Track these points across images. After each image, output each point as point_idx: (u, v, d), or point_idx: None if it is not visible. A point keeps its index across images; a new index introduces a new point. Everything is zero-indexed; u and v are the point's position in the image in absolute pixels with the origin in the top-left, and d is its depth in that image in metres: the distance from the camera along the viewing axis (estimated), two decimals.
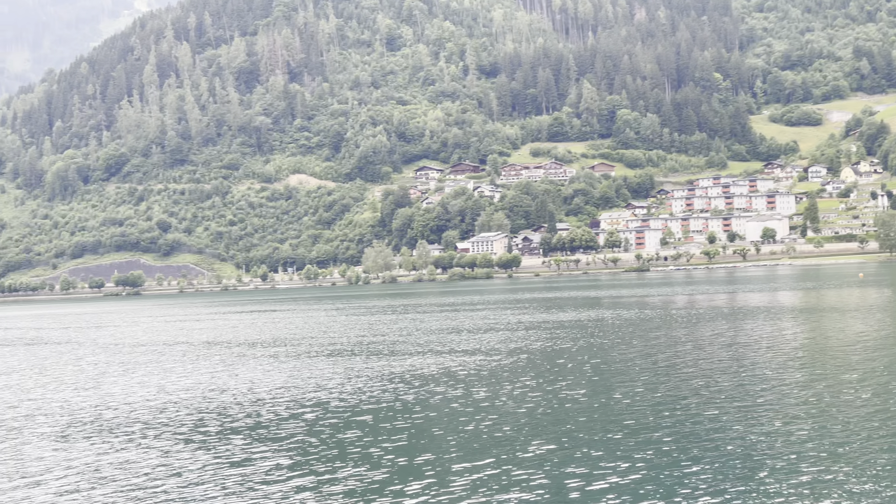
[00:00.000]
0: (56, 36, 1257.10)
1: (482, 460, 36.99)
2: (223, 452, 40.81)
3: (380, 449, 39.98)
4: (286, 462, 38.40)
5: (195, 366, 75.96)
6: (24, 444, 45.07)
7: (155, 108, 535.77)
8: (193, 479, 36.26)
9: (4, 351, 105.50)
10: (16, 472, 39.15)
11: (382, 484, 34.21)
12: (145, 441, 44.06)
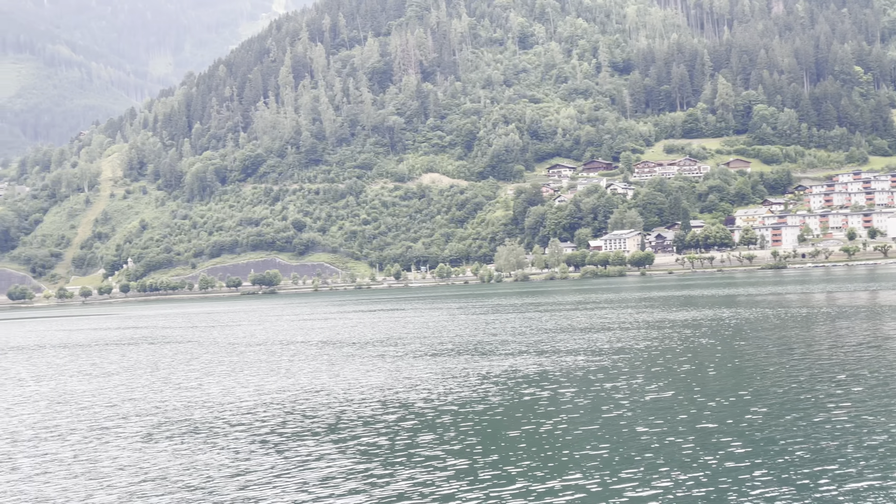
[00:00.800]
0: (197, 40, 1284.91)
1: (551, 464, 36.54)
2: (296, 453, 40.95)
3: (449, 450, 39.69)
4: (360, 464, 38.32)
5: (301, 366, 76.49)
6: (104, 444, 45.87)
7: (290, 109, 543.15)
8: (259, 481, 36.37)
9: (126, 350, 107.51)
10: (84, 473, 39.75)
11: (454, 485, 33.81)
12: (220, 442, 44.49)
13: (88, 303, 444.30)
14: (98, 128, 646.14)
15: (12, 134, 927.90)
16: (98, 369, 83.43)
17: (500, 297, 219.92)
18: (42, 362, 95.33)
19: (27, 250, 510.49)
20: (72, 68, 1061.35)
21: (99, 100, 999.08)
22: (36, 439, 48.15)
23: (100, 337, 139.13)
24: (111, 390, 66.66)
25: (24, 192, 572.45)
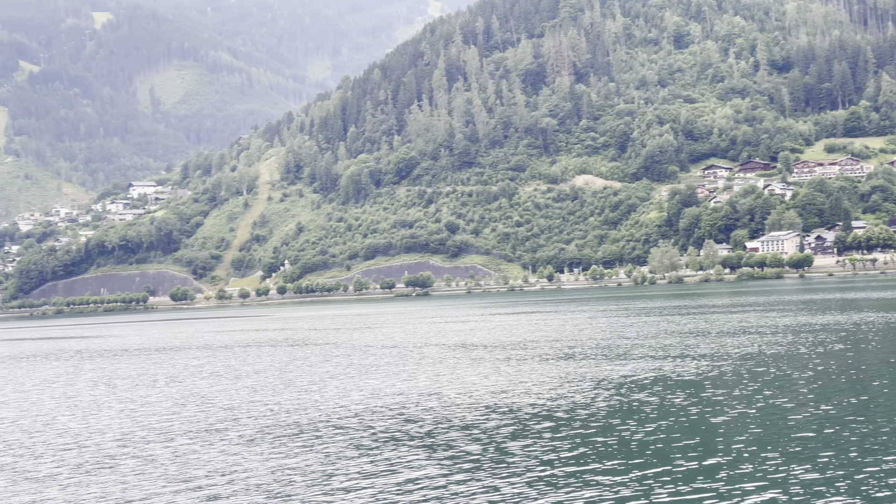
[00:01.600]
0: (354, 44, 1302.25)
1: (633, 471, 36.04)
2: (385, 457, 41.14)
3: (536, 456, 39.39)
4: (445, 469, 38.30)
5: (424, 369, 76.81)
6: (204, 447, 46.65)
7: (443, 111, 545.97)
8: (336, 485, 36.69)
9: (264, 352, 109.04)
10: (173, 475, 40.47)
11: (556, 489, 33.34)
12: (315, 445, 44.96)
13: (246, 304, 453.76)
14: (257, 132, 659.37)
15: (176, 139, 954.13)
16: (231, 371, 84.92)
17: (649, 299, 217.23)
18: (181, 364, 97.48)
19: (189, 252, 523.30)
20: (233, 74, 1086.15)
21: (259, 104, 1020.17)
22: (143, 441, 49.19)
23: (245, 339, 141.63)
24: (234, 392, 67.85)
25: (186, 195, 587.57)
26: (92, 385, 78.72)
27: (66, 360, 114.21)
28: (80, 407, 63.87)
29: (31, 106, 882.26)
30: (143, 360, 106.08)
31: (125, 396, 68.68)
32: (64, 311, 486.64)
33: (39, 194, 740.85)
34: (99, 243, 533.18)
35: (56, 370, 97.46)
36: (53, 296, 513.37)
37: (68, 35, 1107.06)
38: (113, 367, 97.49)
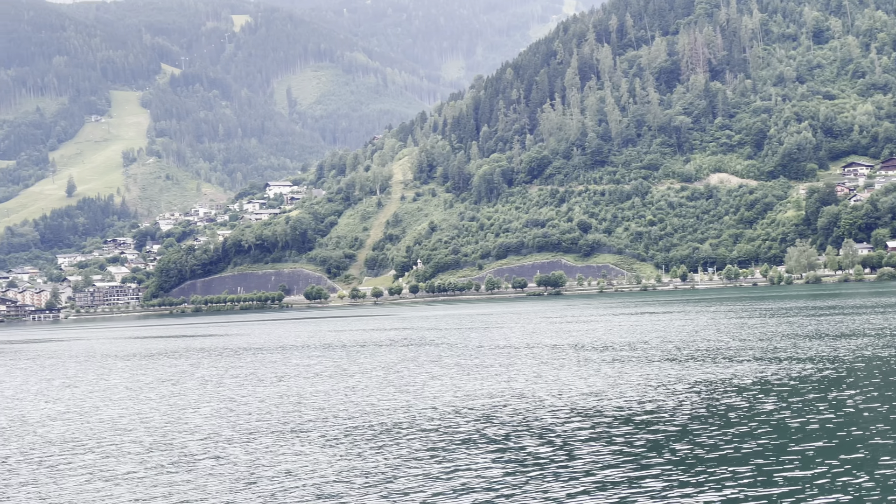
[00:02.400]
0: (488, 43, 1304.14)
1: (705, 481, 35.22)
2: (454, 459, 40.95)
3: (606, 460, 38.86)
4: (510, 472, 38.01)
5: (526, 370, 76.33)
6: (283, 447, 46.94)
7: (576, 110, 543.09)
8: (403, 489, 36.60)
9: (378, 351, 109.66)
10: (241, 475, 40.83)
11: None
12: (392, 447, 44.94)
13: (379, 303, 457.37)
14: (390, 132, 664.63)
15: (312, 139, 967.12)
16: (337, 371, 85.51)
17: (782, 300, 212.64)
18: (294, 363, 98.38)
19: (323, 252, 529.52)
20: (368, 74, 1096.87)
21: (393, 104, 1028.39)
22: (226, 441, 49.63)
23: (364, 338, 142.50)
24: (332, 393, 68.13)
25: (321, 195, 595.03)
26: (200, 384, 79.93)
27: (187, 358, 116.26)
28: (180, 406, 64.87)
29: (173, 108, 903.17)
30: (259, 359, 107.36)
31: (226, 395, 69.54)
32: (202, 309, 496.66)
33: (180, 194, 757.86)
34: (235, 242, 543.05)
35: (172, 369, 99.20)
36: (192, 294, 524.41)
37: (208, 38, 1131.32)
38: (228, 365, 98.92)
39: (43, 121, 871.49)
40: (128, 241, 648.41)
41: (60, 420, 60.89)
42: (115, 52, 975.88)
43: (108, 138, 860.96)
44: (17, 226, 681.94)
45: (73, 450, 49.25)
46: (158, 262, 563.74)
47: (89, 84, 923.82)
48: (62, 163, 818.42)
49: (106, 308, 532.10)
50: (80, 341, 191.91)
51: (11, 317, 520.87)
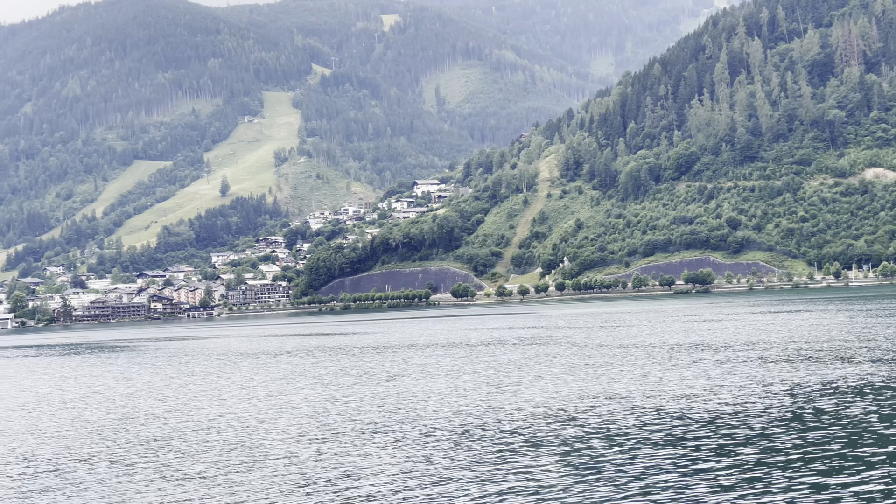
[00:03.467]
0: (638, 39, 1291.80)
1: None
2: (524, 462, 40.54)
3: (683, 464, 38.14)
4: (579, 475, 37.71)
5: (636, 370, 75.51)
6: (353, 447, 47.18)
7: (725, 105, 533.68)
8: (454, 492, 36.46)
9: (499, 350, 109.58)
10: (305, 474, 41.12)
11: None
12: (465, 450, 44.75)
13: (525, 301, 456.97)
14: (537, 130, 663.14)
15: (461, 137, 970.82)
16: (451, 370, 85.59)
17: None
18: (413, 362, 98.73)
19: (469, 250, 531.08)
20: (516, 72, 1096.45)
21: (541, 102, 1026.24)
22: (304, 441, 49.96)
23: (493, 336, 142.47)
24: (431, 392, 68.23)
25: (468, 193, 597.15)
26: (311, 383, 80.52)
27: (313, 356, 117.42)
28: (279, 405, 65.39)
29: (323, 108, 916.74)
30: (381, 357, 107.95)
31: (329, 395, 69.94)
32: (350, 306, 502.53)
33: (330, 193, 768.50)
34: (383, 241, 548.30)
35: (292, 367, 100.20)
36: (341, 292, 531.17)
37: (358, 38, 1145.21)
38: (347, 364, 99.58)
39: (198, 122, 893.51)
40: (279, 239, 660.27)
41: (161, 419, 62.11)
42: (268, 53, 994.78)
43: (260, 138, 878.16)
44: (174, 225, 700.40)
45: (157, 449, 50.10)
46: (308, 261, 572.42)
47: (242, 85, 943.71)
48: (216, 163, 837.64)
49: (257, 306, 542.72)
50: (221, 339, 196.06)
51: (167, 314, 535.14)
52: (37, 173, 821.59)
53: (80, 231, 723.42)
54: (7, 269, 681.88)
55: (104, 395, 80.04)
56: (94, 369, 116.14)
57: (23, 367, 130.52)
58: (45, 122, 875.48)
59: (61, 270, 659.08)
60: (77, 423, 62.23)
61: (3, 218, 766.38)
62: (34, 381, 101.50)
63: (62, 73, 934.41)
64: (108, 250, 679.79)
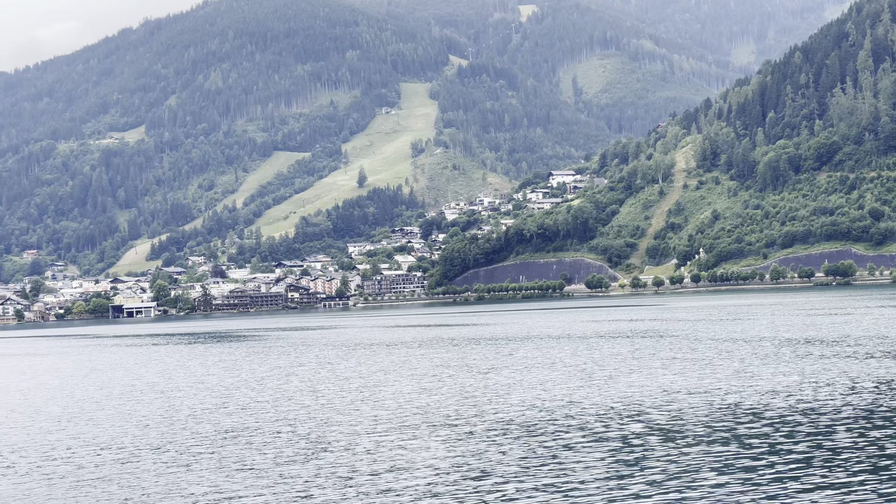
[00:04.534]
0: (780, 26, 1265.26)
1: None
2: (573, 458, 40.25)
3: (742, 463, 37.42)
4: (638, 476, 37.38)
5: (732, 364, 74.07)
6: (424, 439, 47.21)
7: (868, 94, 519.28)
8: (493, 486, 36.28)
9: (607, 343, 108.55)
10: (358, 468, 41.52)
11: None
12: (521, 443, 44.63)
13: (660, 293, 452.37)
14: (674, 120, 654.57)
15: (597, 128, 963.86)
16: (549, 363, 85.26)
17: None
18: (518, 354, 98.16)
19: (604, 241, 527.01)
20: (654, 62, 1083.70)
21: (679, 91, 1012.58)
22: (373, 433, 50.06)
23: (609, 329, 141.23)
24: (521, 385, 67.73)
25: (602, 184, 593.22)
26: (408, 375, 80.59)
27: (427, 348, 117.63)
28: (363, 399, 65.30)
29: (460, 99, 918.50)
30: (489, 349, 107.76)
31: (419, 387, 69.98)
32: (484, 297, 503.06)
33: (466, 184, 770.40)
34: (517, 231, 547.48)
35: (398, 358, 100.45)
36: (475, 282, 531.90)
37: (495, 29, 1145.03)
38: (454, 356, 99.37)
39: (336, 114, 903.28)
40: (414, 230, 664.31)
41: (246, 409, 62.67)
42: (405, 45, 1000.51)
43: (397, 130, 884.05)
44: (312, 216, 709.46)
45: (225, 440, 50.55)
46: (443, 251, 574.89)
47: (380, 77, 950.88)
48: (354, 154, 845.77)
49: (392, 296, 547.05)
50: (346, 329, 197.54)
51: (304, 304, 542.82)
52: (180, 165, 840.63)
53: (222, 221, 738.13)
54: (151, 258, 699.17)
55: (205, 385, 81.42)
56: (209, 358, 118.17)
57: (144, 355, 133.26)
58: (189, 115, 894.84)
59: (203, 260, 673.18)
60: (166, 412, 63.51)
61: (148, 208, 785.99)
62: (147, 370, 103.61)
63: (205, 66, 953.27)
64: (248, 240, 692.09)
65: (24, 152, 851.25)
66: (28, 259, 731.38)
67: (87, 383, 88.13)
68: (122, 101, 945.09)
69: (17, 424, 61.27)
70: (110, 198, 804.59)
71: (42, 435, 55.54)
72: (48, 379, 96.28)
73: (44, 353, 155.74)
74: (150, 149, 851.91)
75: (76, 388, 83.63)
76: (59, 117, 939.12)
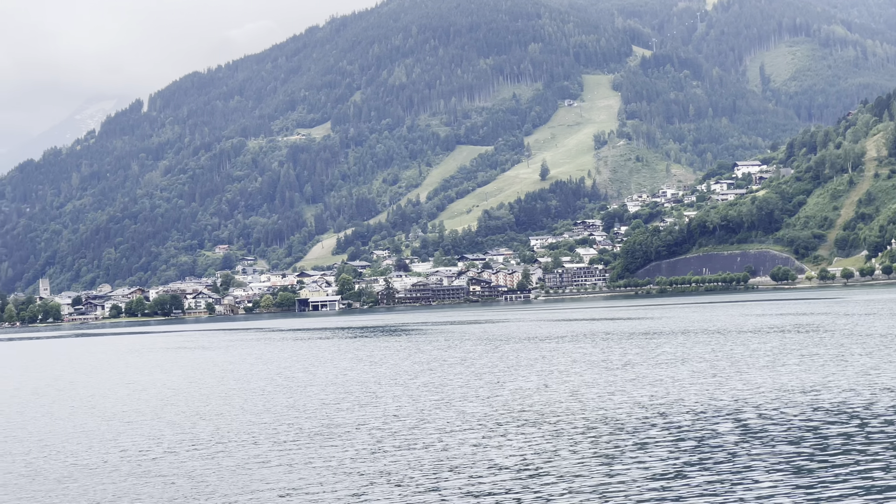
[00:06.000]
0: None
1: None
2: (637, 459, 38.94)
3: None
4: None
5: (867, 362, 70.70)
6: (497, 437, 46.34)
7: None
8: (539, 485, 35.16)
9: (752, 339, 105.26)
10: (417, 464, 40.79)
11: None
12: (586, 442, 43.29)
13: (850, 285, 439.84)
14: (865, 107, 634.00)
15: (786, 116, 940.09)
16: (683, 358, 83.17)
17: None
18: (661, 349, 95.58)
19: (790, 232, 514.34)
20: (846, 48, 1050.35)
21: (873, 78, 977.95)
22: (439, 430, 49.43)
23: (770, 323, 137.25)
24: (643, 381, 66.25)
25: (789, 174, 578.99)
26: (540, 371, 78.83)
27: (573, 342, 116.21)
28: (462, 397, 63.71)
29: (643, 90, 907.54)
30: (637, 343, 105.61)
31: (538, 384, 68.50)
32: (666, 290, 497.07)
33: (649, 176, 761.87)
34: (700, 223, 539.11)
35: (537, 353, 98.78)
36: (657, 275, 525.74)
37: (679, 18, 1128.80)
38: (596, 350, 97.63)
39: (518, 107, 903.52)
40: (596, 222, 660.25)
41: (365, 405, 62.36)
42: (588, 36, 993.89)
43: (579, 122, 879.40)
44: (494, 209, 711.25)
45: (318, 437, 50.04)
46: (624, 244, 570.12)
47: (562, 69, 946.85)
48: (536, 147, 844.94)
49: (573, 289, 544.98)
50: (511, 323, 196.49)
51: (485, 297, 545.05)
52: (365, 160, 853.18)
53: (405, 215, 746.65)
54: (337, 252, 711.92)
55: (343, 379, 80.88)
56: (360, 352, 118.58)
57: (302, 349, 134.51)
58: (373, 110, 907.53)
59: (387, 254, 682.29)
60: (284, 406, 63.75)
61: (334, 203, 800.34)
62: (297, 363, 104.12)
63: (389, 61, 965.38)
64: (431, 234, 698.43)
65: (215, 150, 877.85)
66: (220, 254, 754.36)
67: (227, 377, 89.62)
68: (309, 98, 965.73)
69: (145, 416, 62.63)
70: (297, 193, 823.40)
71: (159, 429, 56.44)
72: (193, 373, 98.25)
73: (213, 346, 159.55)
74: (335, 144, 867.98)
75: (213, 382, 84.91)
76: (249, 115, 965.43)
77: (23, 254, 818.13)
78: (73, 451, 49.87)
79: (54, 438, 54.89)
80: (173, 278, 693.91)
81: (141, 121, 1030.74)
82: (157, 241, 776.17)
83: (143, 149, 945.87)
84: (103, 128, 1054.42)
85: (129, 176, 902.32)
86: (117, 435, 54.46)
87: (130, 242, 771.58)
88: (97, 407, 70.20)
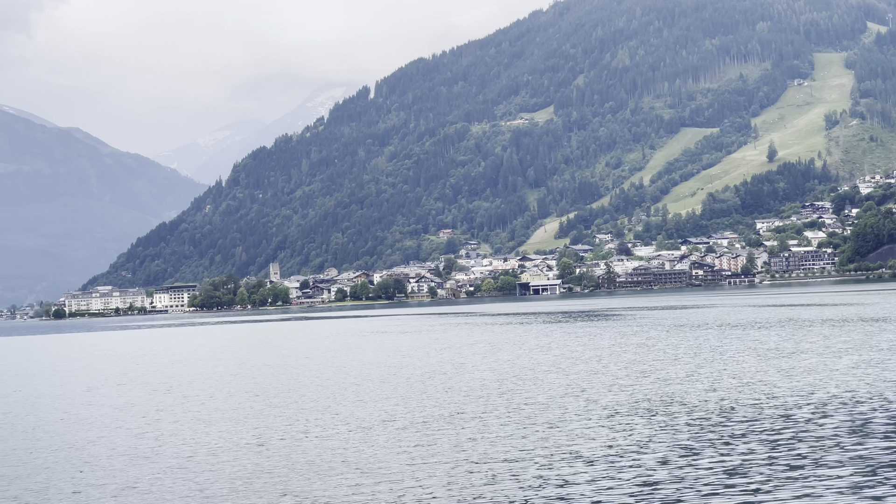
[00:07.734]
0: None
1: None
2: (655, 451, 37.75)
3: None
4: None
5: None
6: (560, 421, 46.10)
7: None
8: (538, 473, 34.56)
9: (833, 332, 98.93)
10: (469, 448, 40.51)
11: None
12: (612, 430, 42.12)
13: None
14: None
15: None
16: (769, 350, 79.12)
17: None
18: (759, 341, 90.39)
19: None
20: None
21: None
22: (583, 417, 48.04)
23: None
24: (713, 371, 64.19)
25: None
26: (689, 361, 74.94)
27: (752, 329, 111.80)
28: (613, 385, 61.00)
29: (878, 67, 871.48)
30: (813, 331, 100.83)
31: (690, 372, 65.36)
32: None
33: (883, 156, 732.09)
34: None
35: (708, 341, 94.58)
36: (890, 259, 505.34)
37: None
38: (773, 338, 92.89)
39: (745, 87, 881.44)
40: (825, 205, 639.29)
41: (497, 392, 60.95)
42: (819, 13, 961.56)
43: (809, 102, 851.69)
44: (719, 192, 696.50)
45: (441, 422, 49.40)
46: (855, 227, 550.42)
47: (792, 48, 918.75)
48: (763, 128, 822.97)
49: (800, 273, 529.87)
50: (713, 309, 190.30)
51: (708, 281, 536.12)
52: (587, 143, 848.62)
53: (628, 199, 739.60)
54: (559, 236, 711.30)
55: (498, 365, 78.98)
56: (541, 339, 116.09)
57: (488, 334, 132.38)
58: (596, 94, 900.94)
59: (609, 238, 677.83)
60: (420, 391, 63.02)
61: (557, 187, 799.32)
62: (474, 350, 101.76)
63: (612, 44, 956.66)
64: (654, 218, 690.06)
65: (439, 135, 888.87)
66: (444, 238, 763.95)
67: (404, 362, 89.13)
68: (532, 83, 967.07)
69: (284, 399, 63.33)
70: (520, 177, 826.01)
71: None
72: (370, 357, 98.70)
73: (416, 330, 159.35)
74: (558, 128, 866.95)
75: (377, 368, 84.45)
76: (473, 100, 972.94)
77: (255, 238, 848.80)
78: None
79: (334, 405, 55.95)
80: (398, 262, 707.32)
81: (368, 107, 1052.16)
82: (382, 226, 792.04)
83: (369, 135, 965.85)
84: (331, 115, 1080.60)
85: (356, 162, 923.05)
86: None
87: (357, 227, 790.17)
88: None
